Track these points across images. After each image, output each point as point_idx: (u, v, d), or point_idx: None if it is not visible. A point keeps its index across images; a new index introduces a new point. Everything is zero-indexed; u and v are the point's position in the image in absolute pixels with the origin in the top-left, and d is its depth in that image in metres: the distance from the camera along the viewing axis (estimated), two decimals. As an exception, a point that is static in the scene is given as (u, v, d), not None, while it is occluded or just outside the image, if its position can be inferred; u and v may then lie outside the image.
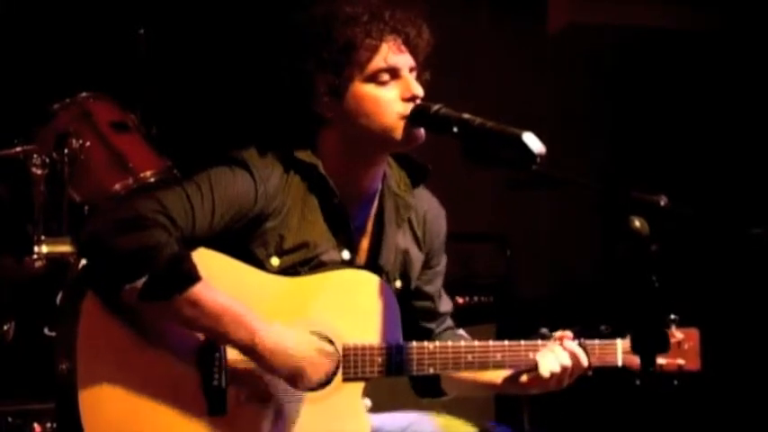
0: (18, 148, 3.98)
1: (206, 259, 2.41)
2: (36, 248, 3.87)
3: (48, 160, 3.95)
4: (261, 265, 2.52)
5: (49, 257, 3.87)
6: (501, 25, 5.59)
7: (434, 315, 2.81)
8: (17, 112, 4.31)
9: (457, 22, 5.21)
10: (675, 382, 2.78)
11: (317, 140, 2.62)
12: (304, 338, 2.48)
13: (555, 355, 2.67)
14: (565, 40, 5.64)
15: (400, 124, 2.53)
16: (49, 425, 3.64)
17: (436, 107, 2.46)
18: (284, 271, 2.54)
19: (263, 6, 5.05)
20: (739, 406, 4.97)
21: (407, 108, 2.53)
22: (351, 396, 2.55)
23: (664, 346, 2.16)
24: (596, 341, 2.75)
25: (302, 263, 2.55)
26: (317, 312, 2.53)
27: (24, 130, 4.08)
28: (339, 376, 2.53)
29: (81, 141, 4.02)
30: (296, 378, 2.45)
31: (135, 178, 4.03)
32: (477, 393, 2.87)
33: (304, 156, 2.59)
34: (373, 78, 2.52)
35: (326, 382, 2.52)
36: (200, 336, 2.43)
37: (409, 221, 2.74)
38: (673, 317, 2.81)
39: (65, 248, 3.89)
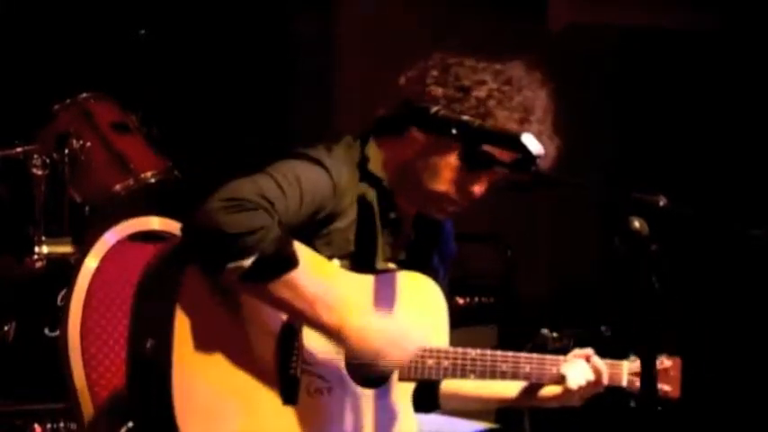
0: (19, 149, 3.98)
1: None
2: (36, 249, 3.88)
3: (48, 161, 3.96)
4: None
5: (50, 258, 3.88)
6: (501, 25, 5.59)
7: None
8: (18, 112, 4.32)
9: (457, 21, 5.22)
10: (659, 408, 2.82)
11: (384, 148, 2.65)
12: (385, 331, 2.49)
13: (582, 370, 2.73)
14: (565, 40, 5.64)
15: (439, 203, 2.60)
16: (49, 425, 3.65)
17: (435, 108, 2.46)
18: None
19: (264, 7, 5.07)
20: (741, 406, 4.97)
21: (460, 199, 2.59)
22: (403, 395, 2.59)
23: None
24: (606, 360, 2.81)
25: (360, 271, 2.57)
26: (390, 311, 2.56)
27: (25, 130, 4.09)
28: (395, 375, 2.56)
29: (81, 142, 4.03)
30: (371, 364, 2.46)
31: (135, 179, 4.04)
32: (480, 407, 2.90)
33: (375, 167, 2.62)
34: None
35: (384, 379, 2.55)
36: (282, 322, 2.44)
37: (439, 241, 2.81)
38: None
39: (65, 249, 3.90)
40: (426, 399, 2.79)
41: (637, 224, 2.09)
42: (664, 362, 2.87)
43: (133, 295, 2.46)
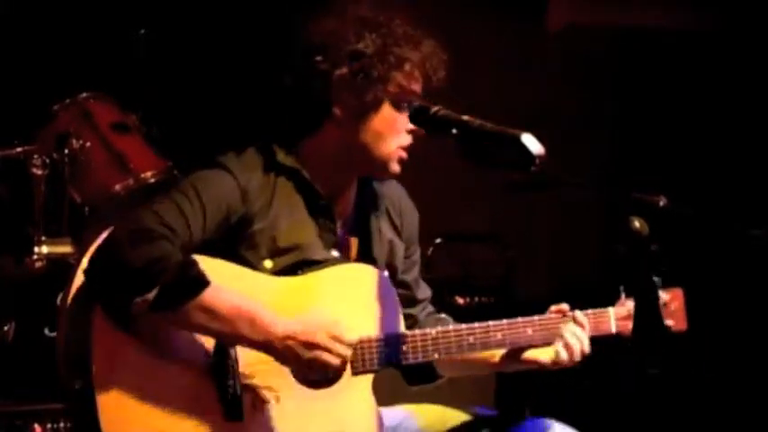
0: (18, 149, 3.98)
1: (206, 265, 2.40)
2: (36, 249, 3.88)
3: (48, 161, 3.96)
4: (254, 268, 2.53)
5: (49, 258, 3.88)
6: (501, 25, 5.59)
7: (413, 302, 2.83)
8: (17, 112, 4.31)
9: (457, 21, 5.21)
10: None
11: (310, 137, 2.64)
12: (317, 333, 2.48)
13: (570, 329, 2.72)
14: (565, 40, 5.64)
15: (396, 156, 2.60)
16: (49, 425, 3.65)
17: (435, 108, 2.46)
18: (278, 273, 2.54)
19: (263, 7, 5.06)
20: (742, 408, 4.97)
21: (408, 141, 2.60)
22: (361, 390, 2.57)
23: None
24: (589, 310, 2.78)
25: (296, 264, 2.55)
26: (319, 309, 2.53)
27: (25, 130, 4.09)
28: (348, 371, 2.53)
29: (81, 142, 4.02)
30: (309, 371, 2.46)
31: (135, 179, 4.03)
32: (474, 372, 2.88)
33: (285, 160, 2.61)
34: (398, 103, 2.57)
35: (336, 377, 2.52)
36: (211, 343, 2.43)
37: (387, 211, 2.78)
38: (656, 278, 2.80)
39: (65, 249, 3.90)
40: (424, 371, 2.79)
41: (637, 224, 2.10)
42: (662, 296, 2.79)
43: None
